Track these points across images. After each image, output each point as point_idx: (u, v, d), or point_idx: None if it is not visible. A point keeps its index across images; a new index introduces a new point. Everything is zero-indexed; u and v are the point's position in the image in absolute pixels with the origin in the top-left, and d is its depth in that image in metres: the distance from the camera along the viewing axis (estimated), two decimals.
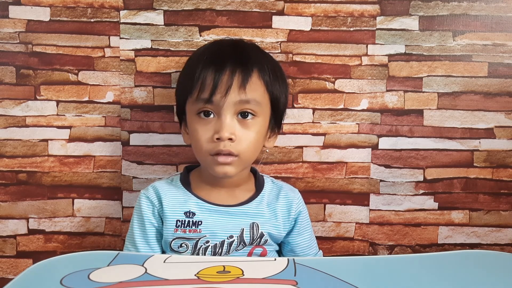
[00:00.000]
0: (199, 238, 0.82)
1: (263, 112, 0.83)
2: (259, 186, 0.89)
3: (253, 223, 0.84)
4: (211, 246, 0.82)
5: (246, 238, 0.83)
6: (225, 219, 0.83)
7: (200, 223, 0.82)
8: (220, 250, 0.82)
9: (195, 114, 0.82)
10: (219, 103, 0.80)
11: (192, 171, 0.90)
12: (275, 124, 0.88)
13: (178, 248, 0.82)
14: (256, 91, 0.82)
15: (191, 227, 0.82)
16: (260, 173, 0.92)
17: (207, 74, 0.80)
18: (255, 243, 0.84)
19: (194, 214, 0.83)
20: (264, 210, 0.86)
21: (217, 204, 0.84)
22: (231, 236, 0.82)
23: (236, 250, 0.83)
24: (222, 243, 0.82)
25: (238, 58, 0.82)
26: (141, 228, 0.84)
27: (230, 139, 0.80)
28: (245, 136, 0.81)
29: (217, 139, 0.80)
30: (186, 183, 0.87)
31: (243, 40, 0.92)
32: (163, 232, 0.83)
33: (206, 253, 0.82)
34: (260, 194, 0.87)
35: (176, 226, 0.82)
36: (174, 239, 0.82)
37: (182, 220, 0.82)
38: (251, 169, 0.91)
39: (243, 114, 0.81)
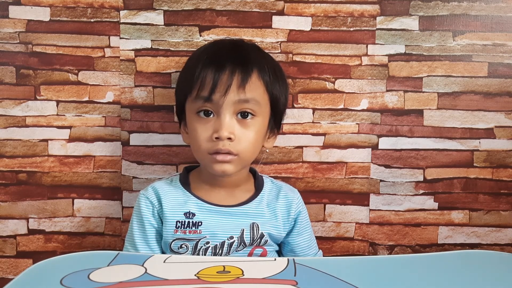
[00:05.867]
0: (199, 239, 0.82)
1: (263, 112, 0.83)
2: (258, 186, 0.89)
3: (253, 223, 0.84)
4: (211, 247, 0.82)
5: (246, 238, 0.83)
6: (225, 219, 0.83)
7: (200, 223, 0.82)
8: (220, 251, 0.82)
9: (194, 113, 0.82)
10: (219, 102, 0.80)
11: (192, 172, 0.90)
12: (275, 124, 0.88)
13: (178, 249, 0.82)
14: (255, 91, 0.82)
15: (191, 228, 0.82)
16: (260, 173, 0.92)
17: (207, 73, 0.80)
18: (255, 244, 0.84)
19: (194, 214, 0.83)
20: (264, 210, 0.86)
21: (217, 205, 0.84)
22: (231, 237, 0.82)
23: (236, 251, 0.83)
24: (222, 244, 0.82)
25: (238, 58, 0.82)
26: (140, 229, 0.84)
27: (229, 138, 0.80)
28: (244, 135, 0.81)
29: (216, 138, 0.80)
30: (185, 183, 0.87)
31: (243, 40, 0.92)
32: (163, 233, 0.83)
33: (206, 254, 0.82)
34: (260, 194, 0.87)
35: (176, 227, 0.82)
36: (174, 240, 0.82)
37: (182, 221, 0.82)
38: (250, 169, 0.91)
39: (243, 114, 0.81)
